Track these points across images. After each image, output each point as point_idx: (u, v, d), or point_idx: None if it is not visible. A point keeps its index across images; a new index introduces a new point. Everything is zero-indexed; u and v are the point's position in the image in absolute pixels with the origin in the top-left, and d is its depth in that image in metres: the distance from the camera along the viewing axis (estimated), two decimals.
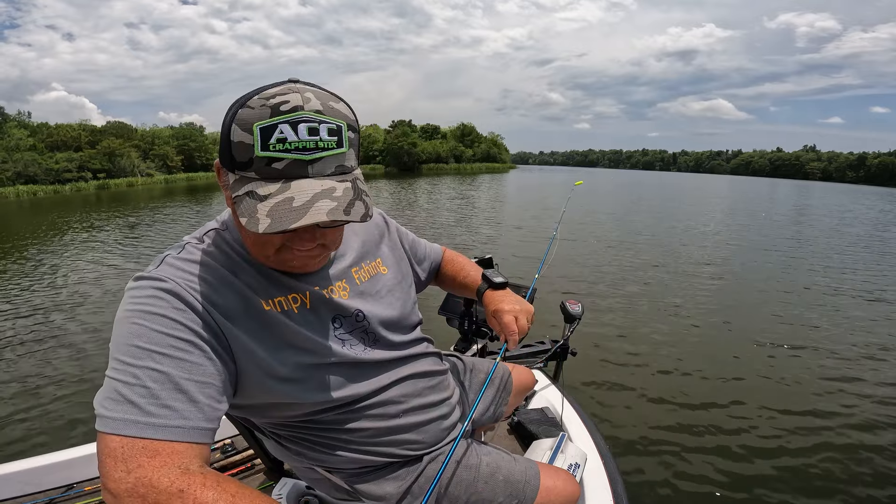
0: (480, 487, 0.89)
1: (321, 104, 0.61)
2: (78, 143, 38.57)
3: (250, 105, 0.60)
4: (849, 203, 26.18)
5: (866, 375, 3.67)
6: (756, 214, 17.40)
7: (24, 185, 30.38)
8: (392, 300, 0.90)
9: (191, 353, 0.60)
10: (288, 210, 0.58)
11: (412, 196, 21.31)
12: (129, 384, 0.55)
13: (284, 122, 0.59)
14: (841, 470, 2.51)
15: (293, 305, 0.75)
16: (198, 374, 0.59)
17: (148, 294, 0.62)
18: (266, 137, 0.59)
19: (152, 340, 0.58)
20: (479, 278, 1.09)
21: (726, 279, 6.85)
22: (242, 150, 0.60)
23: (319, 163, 0.61)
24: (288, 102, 0.59)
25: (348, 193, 0.62)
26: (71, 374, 3.62)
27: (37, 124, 41.52)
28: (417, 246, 1.09)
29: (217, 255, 0.71)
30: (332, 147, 0.62)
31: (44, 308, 5.31)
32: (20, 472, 1.37)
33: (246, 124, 0.59)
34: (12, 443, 2.76)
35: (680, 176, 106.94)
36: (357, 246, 0.90)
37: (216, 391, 0.61)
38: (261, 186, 0.60)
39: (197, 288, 0.65)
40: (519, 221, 12.31)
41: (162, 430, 0.54)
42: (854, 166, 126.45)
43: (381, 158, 68.99)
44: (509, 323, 0.95)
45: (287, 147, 0.59)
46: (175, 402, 0.56)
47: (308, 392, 0.75)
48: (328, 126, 0.61)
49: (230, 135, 0.61)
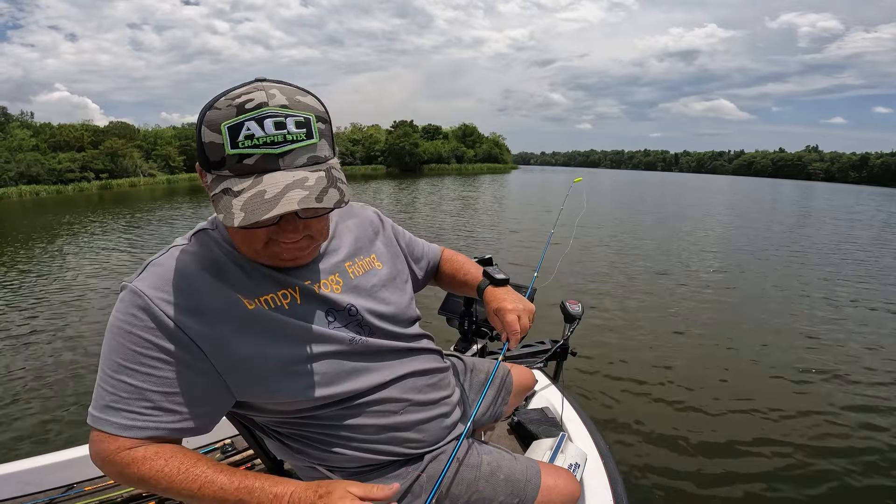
0: (482, 486, 0.89)
1: (287, 99, 0.63)
2: (81, 143, 38.69)
3: (217, 106, 0.62)
4: (854, 205, 25.84)
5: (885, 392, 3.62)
6: (759, 215, 17.33)
7: (27, 186, 30.54)
8: (387, 294, 0.90)
9: (160, 368, 0.67)
10: (260, 202, 0.60)
11: (411, 197, 21.30)
12: (108, 392, 0.66)
13: (250, 118, 0.61)
14: (843, 471, 2.50)
15: (283, 301, 0.76)
16: (164, 385, 0.67)
17: (127, 311, 0.67)
18: (234, 135, 0.61)
19: (127, 358, 0.66)
20: (480, 275, 1.09)
21: (729, 280, 6.82)
22: (214, 150, 0.63)
23: (290, 155, 0.63)
24: (253, 100, 0.61)
25: (321, 182, 0.63)
26: (71, 374, 3.64)
27: (40, 124, 41.68)
28: (414, 245, 1.09)
29: (202, 257, 0.73)
30: (302, 139, 0.63)
31: (48, 304, 5.34)
32: (20, 472, 1.37)
33: (214, 125, 0.62)
34: (12, 442, 2.77)
35: (682, 176, 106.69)
36: (351, 241, 0.91)
37: (188, 398, 0.69)
38: (235, 183, 0.62)
39: (171, 300, 0.67)
40: (517, 225, 12.31)
41: (127, 429, 0.66)
42: (857, 167, 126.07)
43: (382, 159, 68.92)
44: (512, 322, 0.94)
45: (256, 143, 0.61)
46: (142, 410, 0.66)
47: (306, 387, 0.75)
48: (295, 119, 0.63)
49: (202, 137, 0.64)
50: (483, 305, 1.06)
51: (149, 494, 1.39)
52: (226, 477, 0.65)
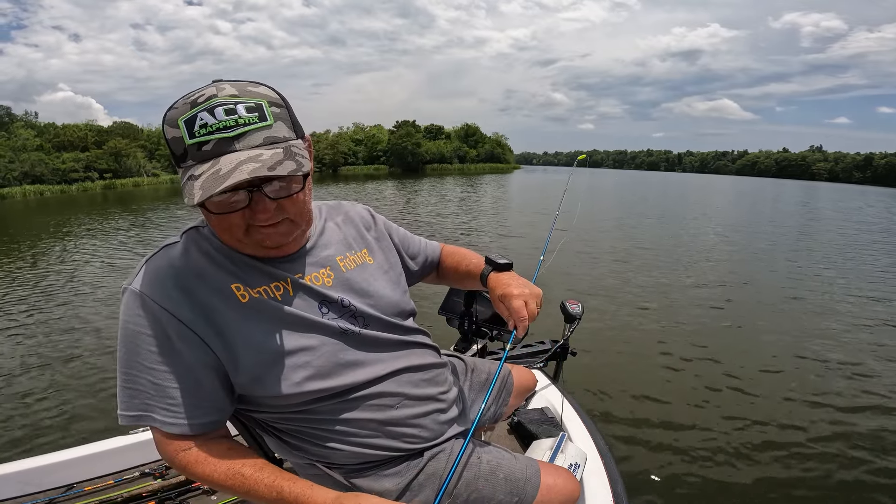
0: (481, 485, 0.89)
1: (237, 90, 0.67)
2: (84, 143, 38.83)
3: (175, 106, 0.67)
4: (865, 206, 25.39)
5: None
6: (761, 216, 17.26)
7: (31, 185, 30.66)
8: (380, 287, 0.91)
9: (174, 364, 0.70)
10: (215, 178, 0.63)
11: (415, 199, 21.27)
12: (132, 391, 0.71)
13: (202, 110, 0.65)
14: (844, 474, 2.49)
15: (276, 293, 0.78)
16: (183, 381, 0.71)
17: (132, 313, 0.70)
18: (190, 127, 0.65)
19: (143, 358, 0.70)
20: (482, 264, 1.07)
21: (731, 281, 6.81)
22: (176, 144, 0.67)
23: (245, 138, 0.66)
24: (204, 95, 0.66)
25: (277, 156, 0.66)
26: (71, 374, 3.65)
27: (44, 124, 41.89)
28: (410, 241, 1.10)
29: (195, 253, 0.75)
30: (255, 122, 0.67)
31: (55, 302, 5.37)
32: (20, 472, 1.38)
33: (172, 121, 0.66)
34: (12, 441, 2.79)
35: (685, 176, 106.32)
36: (341, 237, 0.92)
37: (206, 392, 0.73)
38: (196, 169, 0.65)
39: (170, 297, 0.70)
40: (519, 226, 12.29)
41: (169, 426, 0.71)
42: (861, 167, 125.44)
43: (385, 159, 69.01)
44: (519, 308, 0.91)
45: (210, 130, 0.65)
46: (168, 406, 0.71)
47: (303, 379, 0.76)
48: (245, 105, 0.66)
49: (165, 135, 0.68)
50: (484, 298, 1.05)
51: (149, 494, 1.42)
52: (268, 477, 0.71)
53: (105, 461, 1.52)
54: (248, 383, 0.74)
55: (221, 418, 0.77)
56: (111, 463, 1.53)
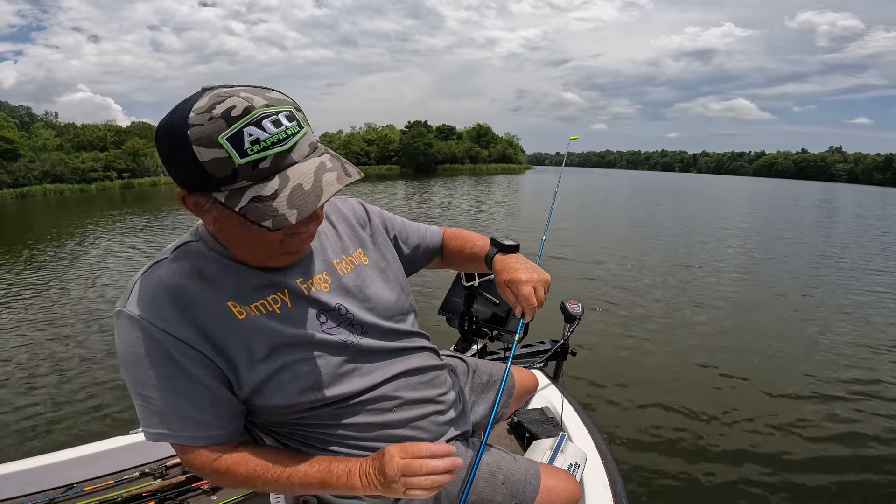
0: (480, 487, 0.89)
1: (262, 99, 0.62)
2: (103, 143, 39.72)
3: (196, 123, 0.58)
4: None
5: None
6: (771, 215, 16.94)
7: (51, 184, 31.42)
8: (377, 290, 0.89)
9: (183, 381, 0.70)
10: (304, 194, 0.61)
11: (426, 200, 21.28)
12: (144, 408, 0.71)
13: (247, 124, 0.59)
14: (843, 477, 2.45)
15: (274, 307, 0.76)
16: (195, 398, 0.71)
17: (129, 336, 0.69)
18: (238, 145, 0.59)
19: (151, 380, 0.69)
20: (487, 245, 1.03)
21: (732, 281, 6.69)
22: (219, 165, 0.59)
23: (297, 148, 0.64)
24: (235, 107, 0.59)
25: (334, 161, 0.66)
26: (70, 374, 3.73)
27: (64, 125, 42.92)
28: (408, 230, 1.06)
29: (188, 270, 0.72)
30: (297, 130, 0.64)
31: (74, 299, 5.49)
32: (20, 472, 1.39)
33: (209, 141, 0.58)
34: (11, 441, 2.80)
35: (701, 178, 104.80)
36: (336, 238, 0.90)
37: (221, 406, 0.74)
38: (261, 188, 0.61)
39: (166, 317, 0.68)
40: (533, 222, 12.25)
41: (192, 440, 0.73)
42: (881, 168, 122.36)
43: (396, 159, 69.23)
44: (528, 295, 0.88)
45: (264, 145, 0.60)
46: (184, 424, 0.72)
47: (301, 391, 0.76)
48: (283, 114, 0.63)
49: (196, 158, 0.59)
50: (484, 298, 1.03)
51: (149, 494, 1.43)
52: (307, 465, 0.74)
53: (105, 461, 1.52)
54: (249, 395, 0.74)
55: (241, 423, 0.78)
56: (111, 463, 1.52)
